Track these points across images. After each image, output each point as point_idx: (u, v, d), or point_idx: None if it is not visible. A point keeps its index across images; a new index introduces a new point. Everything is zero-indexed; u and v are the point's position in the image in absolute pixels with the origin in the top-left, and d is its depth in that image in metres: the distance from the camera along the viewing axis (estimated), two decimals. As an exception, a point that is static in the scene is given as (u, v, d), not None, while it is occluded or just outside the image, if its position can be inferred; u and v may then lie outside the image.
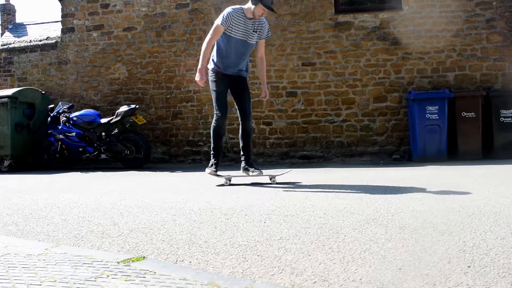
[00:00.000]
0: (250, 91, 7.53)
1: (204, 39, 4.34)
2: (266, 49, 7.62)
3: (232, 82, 4.48)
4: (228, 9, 4.28)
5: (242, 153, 4.56)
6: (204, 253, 2.02)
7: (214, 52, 4.45)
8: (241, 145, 4.57)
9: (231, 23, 4.23)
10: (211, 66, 4.47)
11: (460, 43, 7.12)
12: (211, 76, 4.46)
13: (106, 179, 5.52)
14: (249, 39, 4.35)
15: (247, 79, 4.68)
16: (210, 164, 4.55)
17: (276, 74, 7.61)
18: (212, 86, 4.46)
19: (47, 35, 9.13)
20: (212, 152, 4.57)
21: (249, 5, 4.26)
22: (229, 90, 4.54)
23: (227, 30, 4.25)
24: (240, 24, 4.27)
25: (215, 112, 4.47)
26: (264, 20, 4.43)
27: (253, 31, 4.36)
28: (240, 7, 4.31)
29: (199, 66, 4.26)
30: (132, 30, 8.15)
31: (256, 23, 4.35)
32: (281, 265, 1.81)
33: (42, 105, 7.63)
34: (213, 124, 4.49)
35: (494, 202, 2.98)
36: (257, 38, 4.43)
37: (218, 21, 4.27)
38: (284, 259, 1.88)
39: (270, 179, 4.45)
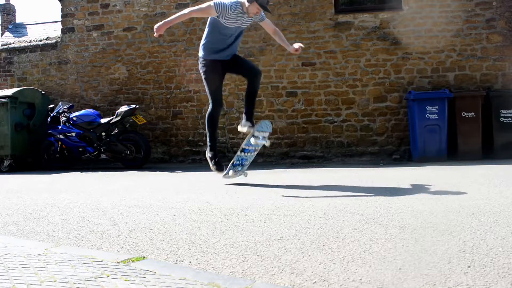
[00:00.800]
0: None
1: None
2: (266, 49, 7.64)
3: (226, 64, 4.36)
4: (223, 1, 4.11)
5: (245, 111, 4.46)
6: (204, 253, 2.02)
7: (204, 39, 4.33)
8: (246, 106, 4.47)
9: (226, 16, 4.09)
10: (201, 53, 4.36)
11: (460, 43, 7.12)
12: (202, 65, 4.35)
13: (106, 179, 5.52)
14: (242, 25, 4.26)
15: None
16: (210, 159, 4.46)
17: (276, 74, 7.61)
18: (203, 75, 4.35)
19: (47, 35, 9.13)
20: (209, 143, 4.48)
21: (245, 3, 4.13)
22: (226, 73, 4.47)
23: (219, 18, 4.11)
24: (233, 17, 4.15)
25: (210, 101, 4.40)
26: (263, 15, 4.35)
27: (247, 20, 4.27)
28: (237, 1, 4.16)
29: (166, 20, 4.21)
30: (132, 30, 8.15)
31: (251, 19, 4.27)
32: (281, 265, 1.81)
33: (42, 105, 7.63)
34: (208, 114, 4.39)
35: (494, 202, 2.98)
36: (251, 23, 4.36)
37: (212, 3, 4.10)
38: (284, 259, 1.88)
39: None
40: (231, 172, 4.35)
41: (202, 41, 4.37)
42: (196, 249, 2.09)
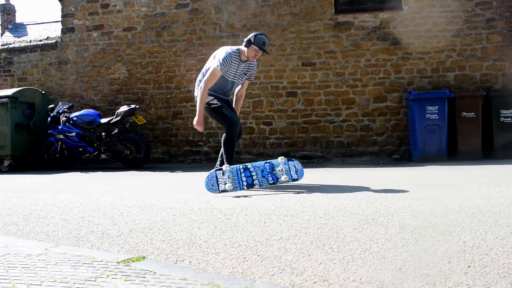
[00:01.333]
0: (250, 91, 7.61)
1: (208, 75, 4.19)
2: (267, 49, 7.62)
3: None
4: (225, 52, 4.18)
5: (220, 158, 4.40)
6: (204, 253, 2.02)
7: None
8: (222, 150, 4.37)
9: (228, 68, 4.20)
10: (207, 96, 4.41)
11: (460, 43, 7.12)
12: (209, 100, 4.31)
13: (106, 179, 5.52)
14: (236, 79, 4.36)
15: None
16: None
17: (276, 74, 7.61)
18: (213, 110, 4.28)
19: (47, 35, 9.13)
20: (227, 162, 4.24)
21: (243, 48, 4.20)
22: None
23: (223, 73, 4.22)
24: (233, 67, 4.24)
25: (225, 127, 4.27)
26: (255, 63, 4.45)
27: (243, 74, 4.38)
28: (237, 49, 4.23)
29: (198, 111, 4.19)
30: (132, 30, 8.15)
31: (248, 65, 4.36)
32: (281, 265, 1.81)
33: (42, 105, 7.63)
34: (225, 136, 4.24)
35: (494, 202, 2.98)
36: (244, 79, 4.46)
37: (215, 64, 4.17)
38: (284, 259, 1.88)
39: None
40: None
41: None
42: (196, 249, 2.09)
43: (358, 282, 1.60)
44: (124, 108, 7.09)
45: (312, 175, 5.27)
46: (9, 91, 7.38)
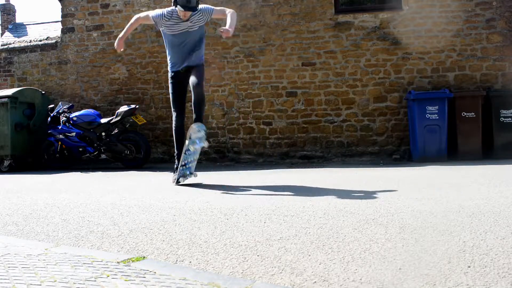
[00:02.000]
0: (250, 91, 7.61)
1: None
2: (266, 49, 7.65)
3: (187, 73, 4.46)
4: (161, 11, 4.36)
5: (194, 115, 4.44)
6: (204, 253, 2.02)
7: (167, 54, 4.55)
8: (194, 116, 4.45)
9: (163, 23, 4.29)
10: (168, 68, 4.59)
11: (460, 43, 7.12)
12: (169, 79, 4.58)
13: (106, 179, 5.52)
14: (190, 28, 4.34)
15: (203, 67, 4.59)
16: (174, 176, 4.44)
17: (276, 74, 7.61)
18: (170, 89, 4.57)
19: (47, 35, 9.13)
20: (176, 152, 4.54)
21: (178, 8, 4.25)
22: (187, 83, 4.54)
23: (162, 28, 4.34)
24: (173, 24, 4.29)
25: (173, 113, 4.54)
26: (203, 8, 4.36)
27: (193, 23, 4.33)
28: (174, 10, 4.30)
29: (120, 36, 4.51)
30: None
31: (193, 16, 4.30)
32: (281, 265, 1.81)
33: (42, 105, 7.63)
34: (173, 124, 4.52)
35: (494, 202, 2.98)
36: (200, 23, 4.39)
37: (151, 13, 4.37)
38: (284, 259, 1.88)
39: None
40: (181, 178, 4.40)
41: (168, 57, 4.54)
42: (196, 249, 2.09)
43: (358, 282, 1.60)
44: (124, 108, 7.09)
45: (312, 175, 5.27)
46: (9, 91, 7.37)
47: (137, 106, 7.24)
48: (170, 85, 4.55)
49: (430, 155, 6.43)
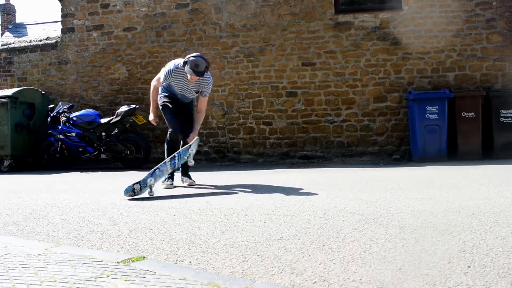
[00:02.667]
0: (250, 91, 7.62)
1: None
2: (266, 49, 7.65)
3: (180, 107, 4.58)
4: (168, 68, 4.38)
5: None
6: (204, 253, 2.02)
7: (163, 86, 4.61)
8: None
9: (171, 81, 4.40)
10: (160, 92, 4.63)
11: (460, 43, 7.12)
12: (160, 102, 4.59)
13: (106, 179, 5.52)
14: (189, 94, 4.49)
15: (193, 104, 4.79)
16: (164, 178, 4.35)
17: (276, 74, 7.61)
18: (163, 112, 4.59)
19: (47, 35, 9.13)
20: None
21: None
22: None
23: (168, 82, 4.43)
24: (179, 81, 4.39)
25: (169, 129, 4.57)
26: (209, 80, 4.43)
27: (195, 89, 4.45)
28: (182, 66, 4.33)
29: (151, 108, 4.58)
30: (132, 30, 8.15)
31: (199, 81, 4.38)
32: (281, 265, 1.81)
33: (42, 105, 7.63)
34: (167, 137, 4.56)
35: (494, 202, 2.98)
36: (194, 94, 4.52)
37: (161, 74, 4.47)
38: (284, 259, 1.88)
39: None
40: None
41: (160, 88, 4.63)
42: (196, 249, 2.09)
43: (358, 282, 1.60)
44: (124, 108, 7.09)
45: (312, 175, 5.28)
46: (9, 91, 7.37)
47: (137, 106, 7.24)
48: (163, 108, 4.55)
49: (430, 155, 6.43)
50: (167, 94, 4.58)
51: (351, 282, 1.60)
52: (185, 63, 4.19)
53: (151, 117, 4.61)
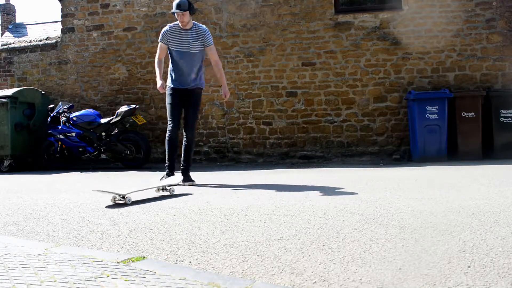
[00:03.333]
0: (250, 91, 7.61)
1: None
2: (266, 49, 7.65)
3: (185, 97, 4.63)
4: (164, 28, 4.63)
5: (182, 163, 4.64)
6: (204, 253, 2.02)
7: (169, 69, 4.70)
8: (182, 156, 4.67)
9: (168, 38, 4.55)
10: (168, 82, 4.69)
11: (460, 43, 7.12)
12: (167, 91, 4.68)
13: (106, 179, 5.53)
14: (191, 49, 4.54)
15: (201, 95, 4.84)
16: (162, 177, 4.48)
17: (276, 74, 7.61)
18: (167, 100, 4.68)
19: (47, 35, 9.13)
20: (167, 163, 4.61)
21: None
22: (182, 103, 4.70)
23: (169, 45, 4.56)
24: (176, 36, 4.54)
25: (168, 123, 4.64)
26: (205, 28, 4.61)
27: (194, 41, 4.53)
28: (176, 22, 4.58)
29: (157, 78, 4.62)
30: (132, 30, 8.14)
31: (194, 32, 4.54)
32: (281, 265, 1.81)
33: (42, 105, 7.63)
34: (166, 135, 4.62)
35: (494, 202, 2.98)
36: (200, 47, 4.59)
37: (160, 40, 4.66)
38: (284, 259, 1.88)
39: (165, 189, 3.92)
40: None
41: (169, 72, 4.72)
42: (196, 249, 2.09)
43: (358, 282, 1.60)
44: (124, 108, 7.09)
45: (312, 175, 5.27)
46: (9, 91, 7.38)
47: (137, 106, 7.24)
48: (168, 97, 4.64)
49: (430, 155, 6.43)
50: (172, 82, 4.61)
51: (351, 282, 1.60)
52: (173, 13, 4.47)
53: (158, 84, 4.59)
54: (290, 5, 7.55)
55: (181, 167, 4.59)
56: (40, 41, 8.72)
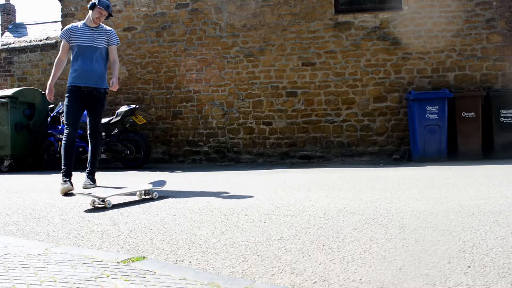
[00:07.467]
0: (250, 91, 7.61)
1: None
2: (266, 49, 7.65)
3: (87, 100, 4.55)
4: (67, 26, 4.57)
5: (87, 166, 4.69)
6: (204, 253, 2.02)
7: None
8: (88, 159, 4.71)
9: (70, 34, 4.45)
10: (69, 81, 4.56)
11: (460, 43, 7.12)
12: (66, 92, 4.53)
13: (106, 179, 5.52)
14: (95, 43, 4.49)
15: (106, 97, 4.79)
16: (63, 181, 4.24)
17: (276, 74, 7.61)
18: (65, 101, 4.51)
19: (47, 35, 9.13)
20: (64, 170, 4.36)
21: (89, 14, 4.47)
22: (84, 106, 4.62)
23: (70, 41, 4.45)
24: (80, 32, 4.45)
25: (65, 127, 4.47)
26: (111, 29, 4.60)
27: (99, 37, 4.49)
28: (83, 23, 4.54)
29: (49, 82, 4.51)
30: (132, 30, 8.14)
31: (102, 31, 4.52)
32: (281, 265, 1.81)
33: (42, 105, 7.63)
34: (63, 140, 4.42)
35: (494, 202, 2.98)
36: (106, 44, 4.56)
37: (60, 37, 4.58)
38: (284, 259, 1.88)
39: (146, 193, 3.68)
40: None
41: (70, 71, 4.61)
42: (196, 249, 2.09)
43: (358, 282, 1.60)
44: (124, 108, 7.09)
45: (312, 175, 5.27)
46: (9, 91, 7.37)
47: (137, 106, 7.24)
48: (66, 98, 4.46)
49: (430, 155, 6.43)
50: (74, 85, 4.45)
51: (351, 282, 1.60)
52: (93, 4, 4.38)
53: (47, 91, 4.50)
54: (290, 5, 7.55)
55: (87, 171, 4.70)
56: (40, 41, 8.72)
